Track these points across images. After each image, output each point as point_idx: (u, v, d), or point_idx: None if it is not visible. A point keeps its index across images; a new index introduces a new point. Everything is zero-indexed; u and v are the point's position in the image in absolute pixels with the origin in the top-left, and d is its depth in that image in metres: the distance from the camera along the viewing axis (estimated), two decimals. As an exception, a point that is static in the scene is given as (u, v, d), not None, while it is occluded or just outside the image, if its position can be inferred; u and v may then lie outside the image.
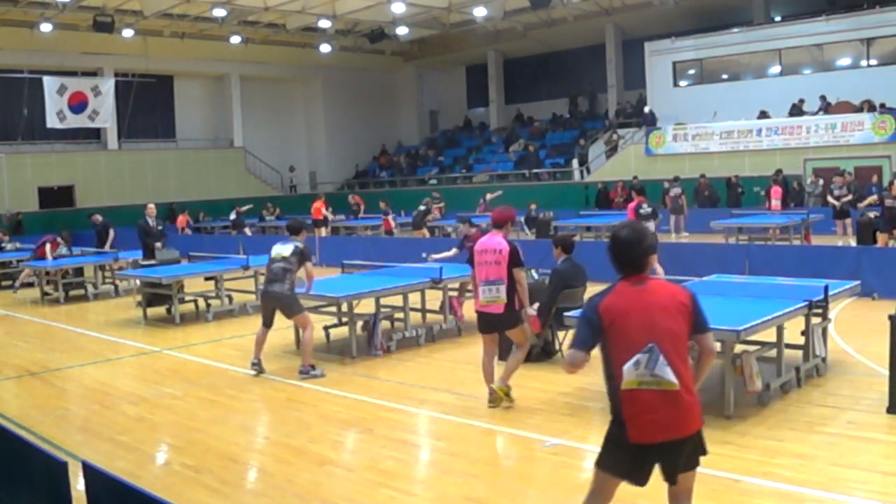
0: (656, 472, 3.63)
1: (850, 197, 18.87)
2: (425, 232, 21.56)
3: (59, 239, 16.49)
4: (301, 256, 8.44)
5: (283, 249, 8.50)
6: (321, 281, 10.56)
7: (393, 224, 23.00)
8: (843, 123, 23.53)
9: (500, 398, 6.96)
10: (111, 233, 17.92)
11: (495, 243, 6.87)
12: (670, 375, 3.51)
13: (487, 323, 6.99)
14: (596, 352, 3.70)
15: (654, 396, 3.51)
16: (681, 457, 3.62)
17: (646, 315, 3.59)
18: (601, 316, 3.64)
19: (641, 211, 14.41)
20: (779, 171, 22.48)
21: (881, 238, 15.04)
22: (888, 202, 14.95)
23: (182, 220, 26.44)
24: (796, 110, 25.01)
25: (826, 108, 24.58)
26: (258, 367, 8.66)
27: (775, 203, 20.82)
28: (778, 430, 6.09)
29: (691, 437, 3.60)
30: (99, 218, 18.63)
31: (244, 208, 26.54)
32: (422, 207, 22.53)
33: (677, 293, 3.73)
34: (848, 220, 18.47)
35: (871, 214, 15.68)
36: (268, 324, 8.67)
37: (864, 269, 11.15)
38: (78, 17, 26.59)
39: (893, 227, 14.83)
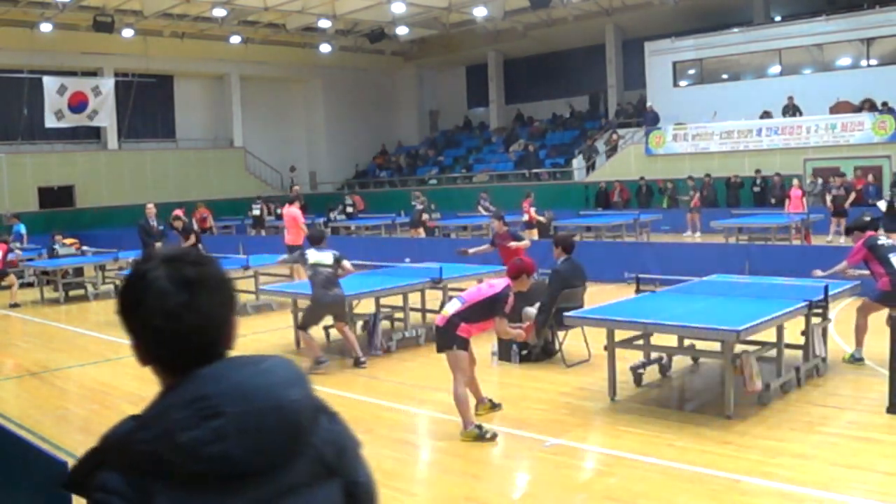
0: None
1: (842, 193, 19.71)
2: (421, 231, 21.35)
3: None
4: (339, 260, 8.97)
5: (322, 257, 8.88)
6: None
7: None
8: (843, 123, 23.51)
9: (486, 408, 6.75)
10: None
11: (497, 282, 6.42)
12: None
13: None
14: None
15: None
16: None
17: None
18: None
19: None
20: (758, 171, 22.80)
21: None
22: None
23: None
24: (789, 111, 25.05)
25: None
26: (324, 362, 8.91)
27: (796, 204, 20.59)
28: (778, 430, 6.09)
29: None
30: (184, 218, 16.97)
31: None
32: (419, 207, 22.36)
33: None
34: (843, 220, 18.72)
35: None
36: (311, 327, 9.10)
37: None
38: (78, 17, 26.55)
39: None
